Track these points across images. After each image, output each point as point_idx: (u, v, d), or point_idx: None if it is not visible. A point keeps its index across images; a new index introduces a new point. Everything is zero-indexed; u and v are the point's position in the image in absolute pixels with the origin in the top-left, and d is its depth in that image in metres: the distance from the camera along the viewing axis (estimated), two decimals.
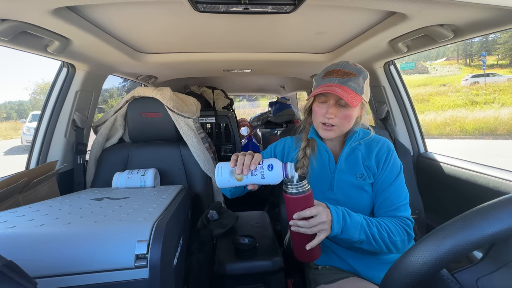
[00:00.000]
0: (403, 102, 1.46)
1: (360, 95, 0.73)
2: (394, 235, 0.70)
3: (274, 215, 1.68)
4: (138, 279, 0.58)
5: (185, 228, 0.94)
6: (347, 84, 0.72)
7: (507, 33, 22.45)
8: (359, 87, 0.73)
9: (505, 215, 0.33)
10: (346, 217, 0.68)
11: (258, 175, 0.64)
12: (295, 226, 0.65)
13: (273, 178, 0.64)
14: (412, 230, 0.74)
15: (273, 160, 0.66)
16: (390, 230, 0.71)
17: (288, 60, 1.40)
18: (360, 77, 0.74)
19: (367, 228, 0.69)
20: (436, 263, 0.36)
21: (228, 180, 0.65)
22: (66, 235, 0.59)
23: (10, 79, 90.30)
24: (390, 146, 0.81)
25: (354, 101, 0.70)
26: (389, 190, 0.77)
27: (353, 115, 0.76)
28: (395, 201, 0.76)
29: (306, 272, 0.93)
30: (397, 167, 0.79)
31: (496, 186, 1.00)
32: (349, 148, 0.82)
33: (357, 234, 0.68)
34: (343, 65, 0.76)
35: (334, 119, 0.75)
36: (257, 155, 0.66)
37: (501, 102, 13.25)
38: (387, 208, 0.76)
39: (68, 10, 0.75)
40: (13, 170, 0.99)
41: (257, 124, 3.31)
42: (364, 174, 0.79)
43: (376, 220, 0.72)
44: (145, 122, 1.27)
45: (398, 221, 0.74)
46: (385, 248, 0.70)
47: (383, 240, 0.69)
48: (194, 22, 0.90)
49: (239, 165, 0.63)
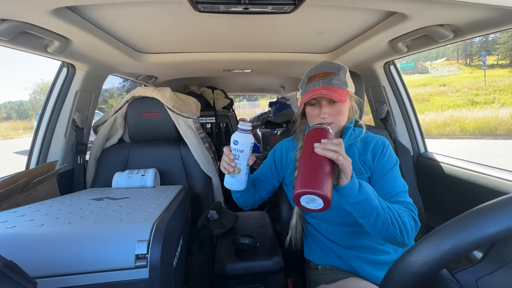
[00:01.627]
0: (403, 102, 1.46)
1: (346, 88, 0.76)
2: (403, 217, 0.65)
3: (274, 215, 1.68)
4: (138, 279, 0.58)
5: (185, 228, 0.94)
6: (331, 83, 0.75)
7: (507, 33, 22.46)
8: (342, 82, 0.76)
9: (505, 215, 0.33)
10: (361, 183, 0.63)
11: (239, 154, 0.74)
12: (324, 149, 0.57)
13: (245, 143, 0.73)
14: (417, 217, 0.69)
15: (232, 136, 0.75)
16: (399, 212, 0.66)
17: (288, 60, 1.40)
18: (341, 72, 0.77)
19: (380, 202, 0.64)
20: (436, 263, 0.36)
21: (237, 180, 0.76)
22: (66, 235, 0.59)
23: (10, 79, 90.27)
24: (385, 141, 0.83)
25: (342, 96, 0.73)
26: (386, 177, 0.77)
27: (345, 109, 0.79)
28: (394, 187, 0.75)
29: (306, 272, 0.93)
30: (393, 160, 0.80)
31: (496, 186, 1.00)
32: (345, 144, 0.83)
33: (375, 200, 0.62)
34: (322, 67, 0.79)
35: (329, 117, 0.77)
36: (225, 148, 0.76)
37: (501, 102, 13.26)
38: (387, 195, 0.74)
39: (68, 10, 0.75)
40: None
41: (257, 124, 3.32)
42: (361, 169, 0.80)
43: (387, 202, 0.67)
44: (145, 122, 1.27)
45: (402, 206, 0.70)
46: (398, 230, 0.64)
47: (395, 219, 0.64)
48: (194, 22, 0.90)
49: (226, 167, 0.74)
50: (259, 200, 0.98)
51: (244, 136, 0.73)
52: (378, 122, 1.57)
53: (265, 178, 0.97)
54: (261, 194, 0.97)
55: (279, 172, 0.95)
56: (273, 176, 0.96)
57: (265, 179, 0.96)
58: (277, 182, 0.97)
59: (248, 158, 0.75)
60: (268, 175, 0.96)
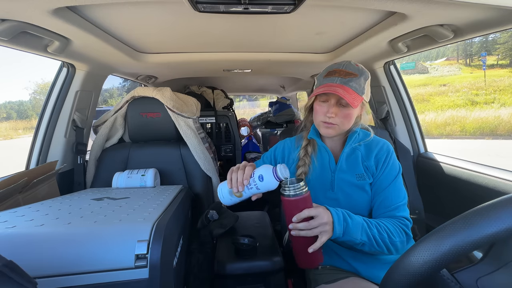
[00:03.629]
0: (403, 102, 1.46)
1: (361, 95, 0.74)
2: (393, 236, 0.70)
3: (274, 215, 1.68)
4: (138, 279, 0.58)
5: (185, 228, 0.94)
6: (349, 84, 0.73)
7: (507, 33, 22.45)
8: (360, 87, 0.74)
9: (505, 215, 0.33)
10: (347, 218, 0.67)
11: (253, 188, 0.65)
12: (295, 229, 0.64)
13: (268, 185, 0.65)
14: (410, 231, 0.74)
15: (263, 169, 0.65)
16: (389, 231, 0.71)
17: (288, 60, 1.40)
18: (362, 77, 0.75)
19: (368, 229, 0.68)
20: (436, 263, 0.36)
21: (231, 199, 0.68)
22: (66, 235, 0.59)
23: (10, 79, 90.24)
24: (389, 147, 0.82)
25: (355, 101, 0.71)
26: (388, 190, 0.77)
27: (353, 115, 0.77)
28: (394, 201, 0.76)
29: (306, 272, 0.93)
30: (396, 169, 0.79)
31: (496, 186, 1.00)
32: (349, 148, 0.82)
33: (359, 235, 0.67)
34: (345, 65, 0.77)
35: (335, 118, 0.76)
36: (248, 168, 0.67)
37: (501, 102, 13.26)
38: (386, 208, 0.76)
39: (68, 10, 0.74)
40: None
41: (257, 124, 3.32)
42: (363, 174, 0.80)
43: (375, 222, 0.71)
44: (145, 122, 1.27)
45: (396, 221, 0.74)
46: (386, 250, 0.70)
47: (383, 241, 0.69)
48: (194, 22, 0.90)
49: (234, 185, 0.66)
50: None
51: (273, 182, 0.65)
52: (378, 122, 1.57)
53: None
54: None
55: None
56: None
57: None
58: None
59: (255, 195, 0.69)
60: None
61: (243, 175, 0.65)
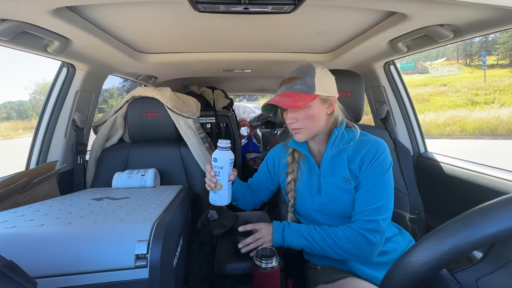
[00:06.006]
0: (403, 102, 1.46)
1: (311, 93, 0.73)
2: (341, 242, 0.72)
3: (274, 215, 1.68)
4: (138, 279, 0.58)
5: (185, 228, 0.94)
6: (293, 88, 0.75)
7: (507, 33, 22.46)
8: (307, 86, 0.73)
9: (505, 215, 0.33)
10: (285, 227, 0.80)
11: (219, 171, 0.77)
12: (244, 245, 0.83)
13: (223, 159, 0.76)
14: (379, 234, 0.70)
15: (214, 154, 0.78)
16: (336, 237, 0.73)
17: (288, 60, 1.40)
18: (307, 76, 0.74)
19: (308, 235, 0.76)
20: (436, 263, 0.36)
21: (219, 196, 0.80)
22: (66, 235, 0.59)
23: (10, 79, 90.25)
24: (378, 148, 0.76)
25: (298, 102, 0.71)
26: (361, 192, 0.75)
27: (315, 114, 0.75)
28: (363, 205, 0.73)
29: (306, 272, 0.93)
30: (381, 169, 0.74)
31: (496, 186, 1.00)
32: (334, 150, 0.80)
33: (296, 240, 0.77)
34: (290, 73, 0.79)
35: (297, 123, 0.77)
36: (207, 166, 0.80)
37: (501, 102, 13.26)
38: (355, 211, 0.75)
39: (68, 10, 0.74)
40: None
41: (257, 124, 3.31)
42: (349, 178, 0.77)
43: (324, 228, 0.76)
44: (145, 122, 1.27)
45: (356, 226, 0.72)
46: (336, 255, 0.74)
47: (329, 246, 0.74)
48: (194, 22, 0.90)
49: (209, 184, 0.79)
50: (259, 203, 1.01)
51: (222, 153, 0.76)
52: (378, 122, 1.57)
53: (261, 183, 0.99)
54: (259, 197, 1.00)
55: (273, 178, 0.97)
56: (268, 181, 0.98)
57: (261, 184, 0.99)
58: (273, 186, 0.99)
59: (229, 174, 0.78)
60: (263, 181, 0.99)
61: (208, 173, 0.78)
